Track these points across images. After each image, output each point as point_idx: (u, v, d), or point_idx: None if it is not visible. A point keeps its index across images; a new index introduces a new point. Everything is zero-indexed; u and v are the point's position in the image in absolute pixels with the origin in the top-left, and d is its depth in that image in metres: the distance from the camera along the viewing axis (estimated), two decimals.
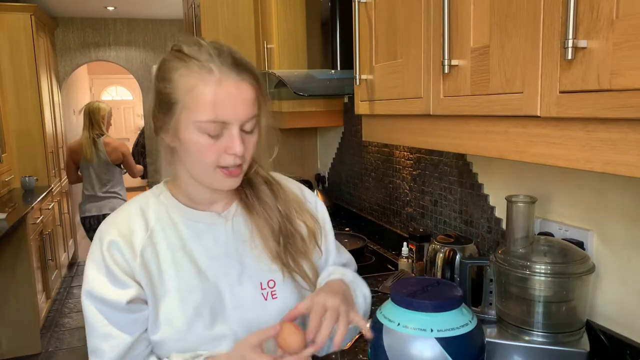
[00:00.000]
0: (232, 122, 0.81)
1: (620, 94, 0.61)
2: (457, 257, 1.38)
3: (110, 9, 5.35)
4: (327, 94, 2.25)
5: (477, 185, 1.55)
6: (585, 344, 1.03)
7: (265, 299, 0.91)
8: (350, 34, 1.63)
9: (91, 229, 3.73)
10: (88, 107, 3.72)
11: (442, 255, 1.41)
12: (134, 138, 7.49)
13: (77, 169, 3.76)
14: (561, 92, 0.70)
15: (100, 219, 3.44)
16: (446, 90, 0.98)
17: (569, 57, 0.66)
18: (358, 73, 1.36)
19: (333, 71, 2.03)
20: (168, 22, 6.02)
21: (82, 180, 3.75)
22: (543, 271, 1.03)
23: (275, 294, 0.92)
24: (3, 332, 3.34)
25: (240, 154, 0.83)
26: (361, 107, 1.39)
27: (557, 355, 1.02)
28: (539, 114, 0.74)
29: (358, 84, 1.37)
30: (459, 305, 0.93)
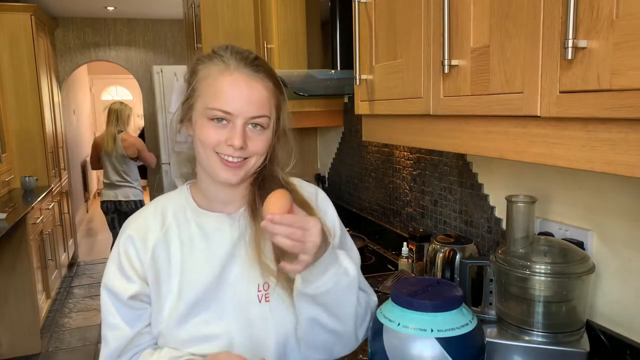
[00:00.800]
0: (237, 115, 0.86)
1: (620, 94, 0.61)
2: (457, 257, 1.38)
3: (110, 9, 5.35)
4: (327, 94, 2.25)
5: (477, 185, 1.55)
6: (585, 344, 1.03)
7: (259, 301, 0.93)
8: (350, 34, 1.63)
9: (108, 212, 4.25)
10: (114, 107, 4.24)
11: (442, 255, 1.41)
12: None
13: (99, 159, 4.29)
14: (561, 92, 0.70)
15: (115, 204, 4.19)
16: (446, 90, 0.98)
17: (569, 57, 0.66)
18: (358, 73, 1.36)
19: (333, 71, 2.03)
20: (168, 22, 6.02)
21: (103, 169, 4.28)
22: (543, 271, 1.03)
23: (268, 297, 0.93)
24: (3, 332, 3.34)
25: (237, 146, 0.85)
26: (361, 107, 1.39)
27: (557, 355, 1.02)
28: (539, 114, 0.74)
29: (358, 84, 1.37)
30: (459, 305, 0.93)
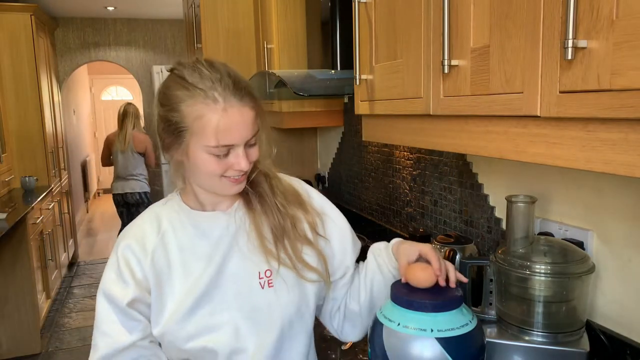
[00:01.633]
0: (238, 144, 0.89)
1: (620, 94, 0.61)
2: (457, 257, 1.38)
3: (110, 9, 5.35)
4: (327, 94, 2.25)
5: (477, 185, 1.55)
6: (585, 344, 1.03)
7: (262, 288, 0.97)
8: (350, 34, 1.63)
9: (118, 204, 4.65)
10: (129, 108, 4.58)
11: (442, 255, 1.41)
12: None
13: (110, 156, 4.64)
14: (561, 92, 0.70)
15: (124, 196, 4.59)
16: (446, 90, 0.98)
17: (569, 57, 0.66)
18: (358, 73, 1.36)
19: (333, 71, 2.03)
20: (168, 22, 6.02)
21: (113, 164, 4.63)
22: (543, 271, 1.03)
23: (271, 283, 0.97)
24: (3, 332, 3.34)
25: (245, 169, 0.91)
26: (361, 107, 1.39)
27: (557, 355, 1.02)
28: (539, 114, 0.74)
29: (358, 84, 1.37)
30: (459, 305, 0.93)
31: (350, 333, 1.10)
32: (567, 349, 1.02)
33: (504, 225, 1.44)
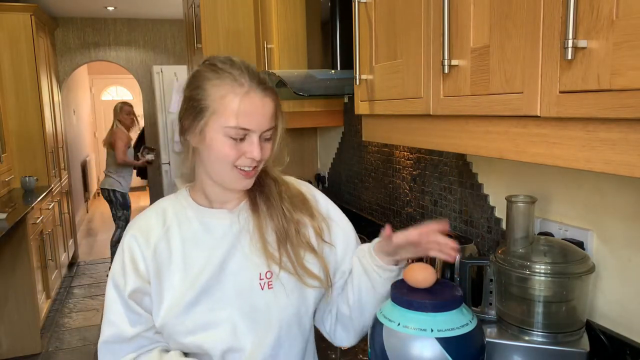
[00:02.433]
0: (254, 130, 0.93)
1: (620, 94, 0.61)
2: (457, 257, 1.38)
3: (110, 9, 5.35)
4: (327, 94, 2.25)
5: (477, 185, 1.55)
6: (585, 344, 1.03)
7: (261, 289, 0.98)
8: (350, 34, 1.63)
9: (104, 197, 4.83)
10: (115, 107, 4.80)
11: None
12: (134, 138, 7.49)
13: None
14: (561, 92, 0.70)
15: (103, 191, 4.77)
16: (446, 90, 0.98)
17: (569, 57, 0.66)
18: (358, 73, 1.36)
19: (333, 71, 2.03)
20: (168, 22, 6.02)
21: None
22: (543, 271, 1.03)
23: (271, 285, 0.99)
24: (3, 332, 3.34)
25: (258, 158, 0.94)
26: (361, 107, 1.39)
27: (557, 355, 1.02)
28: (539, 114, 0.74)
29: (358, 84, 1.37)
30: (459, 305, 0.93)
31: (344, 338, 1.10)
32: (567, 349, 1.02)
33: (504, 225, 1.44)
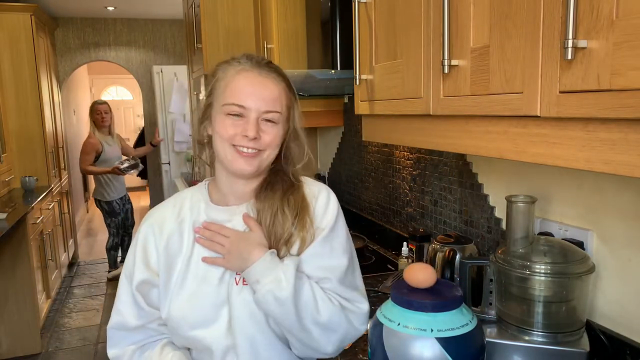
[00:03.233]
0: (251, 109, 0.94)
1: (620, 94, 0.61)
2: (457, 257, 1.38)
3: (110, 9, 5.35)
4: (327, 94, 2.25)
5: (477, 185, 1.55)
6: (585, 344, 1.03)
7: (236, 283, 0.98)
8: (350, 34, 1.62)
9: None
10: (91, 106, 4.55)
11: (442, 255, 1.41)
12: (134, 138, 7.50)
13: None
14: (561, 92, 0.70)
15: (94, 199, 4.64)
16: (446, 90, 0.98)
17: (569, 57, 0.66)
18: (358, 73, 1.36)
19: (333, 71, 2.03)
20: (168, 22, 6.02)
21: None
22: (543, 271, 1.03)
23: (246, 282, 0.97)
24: (3, 332, 3.34)
25: (251, 137, 0.94)
26: (361, 107, 1.39)
27: (557, 355, 1.02)
28: (539, 114, 0.74)
29: (358, 84, 1.37)
30: (459, 305, 0.93)
31: (293, 348, 1.00)
32: (567, 349, 1.02)
33: (504, 225, 1.44)
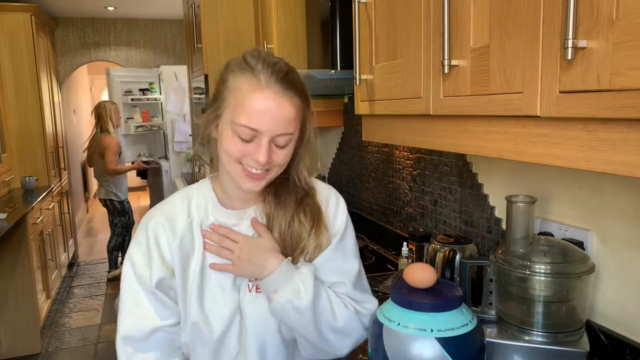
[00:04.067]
0: (264, 132, 0.87)
1: (620, 94, 0.61)
2: (457, 257, 1.38)
3: (110, 9, 5.35)
4: (327, 94, 2.25)
5: (477, 185, 1.55)
6: (585, 344, 1.03)
7: (249, 291, 0.97)
8: (350, 34, 1.63)
9: (103, 205, 4.69)
10: (97, 108, 4.47)
11: (442, 255, 1.41)
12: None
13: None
14: (561, 92, 0.70)
15: (100, 200, 4.63)
16: (446, 90, 0.98)
17: (569, 57, 0.66)
18: (358, 73, 1.36)
19: (333, 71, 2.03)
20: (168, 22, 6.02)
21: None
22: (543, 271, 1.03)
23: (259, 289, 0.97)
24: (3, 332, 3.34)
25: (262, 163, 0.88)
26: (361, 107, 1.39)
27: (557, 355, 1.02)
28: (539, 114, 0.74)
29: (358, 84, 1.37)
30: (459, 305, 0.93)
31: (304, 350, 1.01)
32: (567, 349, 1.02)
33: (504, 225, 1.44)
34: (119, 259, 4.71)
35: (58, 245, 4.44)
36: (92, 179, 8.25)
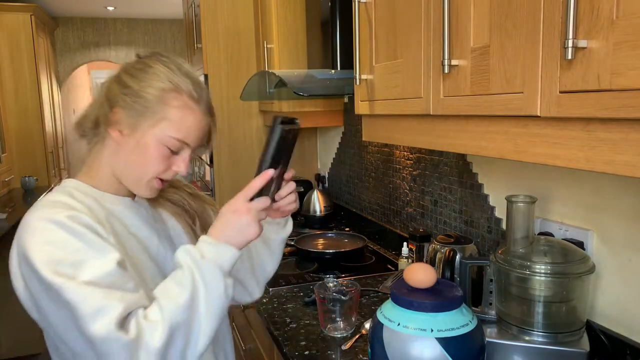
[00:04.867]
0: (192, 146, 0.94)
1: (620, 94, 0.61)
2: (457, 257, 1.38)
3: (110, 9, 5.35)
4: (327, 94, 2.25)
5: (477, 185, 1.55)
6: (585, 344, 1.03)
7: None
8: (350, 34, 1.62)
9: None
10: None
11: (442, 255, 1.41)
12: None
13: None
14: (561, 92, 0.70)
15: None
16: (446, 90, 0.98)
17: (569, 57, 0.66)
18: (358, 73, 1.36)
19: (333, 71, 2.03)
20: (168, 22, 6.02)
21: None
22: (543, 271, 1.03)
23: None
24: (3, 332, 3.34)
25: (184, 174, 0.96)
26: (361, 107, 1.39)
27: (557, 355, 1.02)
28: (539, 114, 0.74)
29: (358, 84, 1.37)
30: (459, 305, 0.93)
31: (255, 290, 1.17)
32: (567, 349, 1.02)
33: (504, 225, 1.44)
34: None
35: None
36: None
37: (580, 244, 1.14)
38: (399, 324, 0.90)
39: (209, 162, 2.88)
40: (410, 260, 1.73)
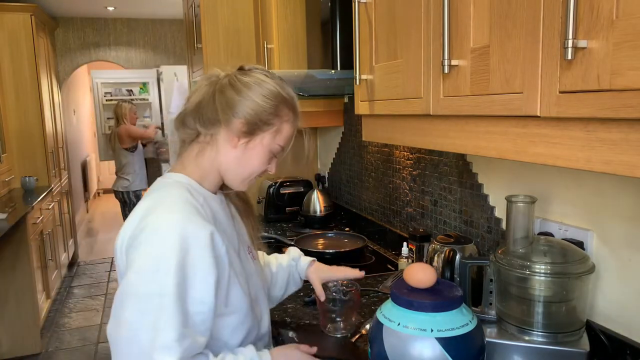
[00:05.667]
0: (284, 152, 1.09)
1: (620, 94, 0.61)
2: (457, 257, 1.38)
3: (110, 9, 5.35)
4: (327, 94, 2.25)
5: (477, 185, 1.55)
6: (585, 344, 1.03)
7: (254, 259, 1.16)
8: (350, 34, 1.63)
9: (118, 200, 4.89)
10: (115, 109, 4.87)
11: (442, 255, 1.41)
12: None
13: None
14: (561, 92, 0.70)
15: (115, 193, 4.80)
16: (446, 90, 0.98)
17: (569, 57, 0.66)
18: (358, 73, 1.36)
19: (333, 71, 2.03)
20: (168, 22, 6.02)
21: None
22: (543, 271, 1.03)
23: (252, 255, 1.16)
24: (3, 332, 3.34)
25: (273, 173, 1.10)
26: (361, 107, 1.39)
27: (557, 355, 1.02)
28: (539, 114, 0.74)
29: (358, 84, 1.37)
30: (459, 305, 0.93)
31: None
32: (567, 349, 1.02)
33: (504, 225, 1.44)
34: None
35: (58, 245, 4.44)
36: (92, 179, 8.25)
37: (580, 244, 1.14)
38: (399, 324, 0.90)
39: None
40: (410, 260, 1.73)
